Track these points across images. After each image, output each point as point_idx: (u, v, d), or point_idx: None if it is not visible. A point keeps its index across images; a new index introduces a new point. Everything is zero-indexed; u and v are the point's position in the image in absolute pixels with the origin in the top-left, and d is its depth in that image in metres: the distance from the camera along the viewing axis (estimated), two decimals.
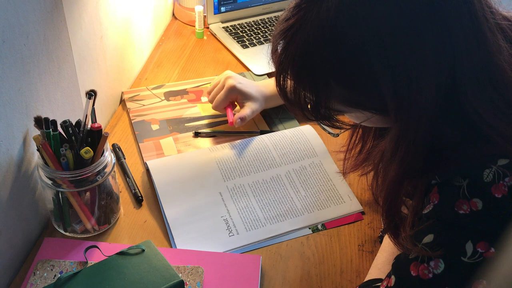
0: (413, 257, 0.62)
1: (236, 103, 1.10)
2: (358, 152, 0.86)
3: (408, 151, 0.62)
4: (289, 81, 0.66)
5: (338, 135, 0.79)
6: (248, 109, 1.05)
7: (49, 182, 0.79)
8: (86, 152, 0.77)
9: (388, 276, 0.66)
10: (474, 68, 0.59)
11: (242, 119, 1.04)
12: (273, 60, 0.67)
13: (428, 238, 0.61)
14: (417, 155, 0.62)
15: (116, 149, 1.01)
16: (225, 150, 1.01)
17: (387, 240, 0.81)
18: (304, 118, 0.69)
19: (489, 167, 0.58)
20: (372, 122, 0.69)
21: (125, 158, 1.00)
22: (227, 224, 0.89)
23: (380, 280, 0.74)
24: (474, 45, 0.58)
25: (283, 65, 0.65)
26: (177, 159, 0.99)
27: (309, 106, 0.67)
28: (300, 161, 1.01)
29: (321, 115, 0.67)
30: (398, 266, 0.65)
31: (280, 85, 0.67)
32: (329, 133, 0.77)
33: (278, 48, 0.65)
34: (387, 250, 0.80)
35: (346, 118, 0.74)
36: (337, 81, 0.62)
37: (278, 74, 0.66)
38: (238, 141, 1.03)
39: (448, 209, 0.59)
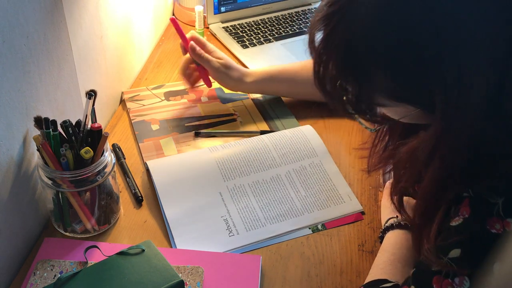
0: (437, 270, 0.59)
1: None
2: (382, 149, 0.81)
3: (449, 152, 0.58)
4: (329, 72, 0.62)
5: (375, 130, 0.74)
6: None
7: (49, 182, 0.79)
8: (86, 152, 0.77)
9: (407, 284, 0.63)
10: None
11: (196, 47, 1.07)
12: (310, 49, 0.63)
13: (455, 253, 0.58)
14: (457, 158, 0.58)
15: (116, 149, 1.01)
16: (225, 150, 1.01)
17: (388, 240, 0.81)
18: (342, 111, 0.65)
19: None
20: (411, 118, 0.65)
21: (125, 158, 1.00)
22: (227, 224, 0.89)
23: (385, 281, 0.73)
24: None
25: (324, 54, 0.60)
26: (177, 159, 0.99)
27: (349, 99, 0.63)
28: (300, 161, 1.01)
29: (361, 109, 0.63)
30: (419, 276, 0.62)
31: (318, 76, 0.63)
32: (365, 127, 0.72)
33: (316, 36, 0.61)
34: (389, 250, 0.79)
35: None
36: (385, 73, 0.58)
37: (318, 64, 0.62)
38: (238, 141, 1.03)
39: (479, 226, 0.56)
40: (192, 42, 1.09)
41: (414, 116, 0.63)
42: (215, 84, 1.22)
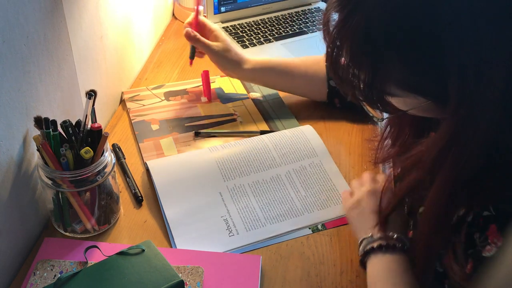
0: None
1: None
2: (391, 145, 0.78)
3: (462, 152, 0.55)
4: (342, 57, 0.60)
5: (383, 120, 0.71)
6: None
7: (49, 182, 0.79)
8: (86, 152, 0.77)
9: None
10: None
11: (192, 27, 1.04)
12: (324, 32, 0.61)
13: None
14: (471, 161, 0.55)
15: (116, 149, 1.01)
16: (225, 150, 1.01)
17: (376, 268, 0.74)
18: (352, 97, 0.63)
19: None
20: (421, 111, 0.62)
21: (125, 158, 1.00)
22: (227, 224, 0.89)
23: None
24: None
25: (339, 38, 0.58)
26: (177, 159, 0.99)
27: (360, 86, 0.61)
28: (300, 161, 1.01)
29: (371, 97, 0.61)
30: None
31: (331, 60, 0.61)
32: (372, 117, 0.69)
33: (332, 18, 0.59)
34: (387, 280, 0.72)
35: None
36: (401, 60, 0.56)
37: (331, 48, 0.60)
38: (238, 141, 1.03)
39: None
40: (187, 28, 1.06)
41: (424, 108, 0.61)
42: (215, 84, 1.22)
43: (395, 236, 0.76)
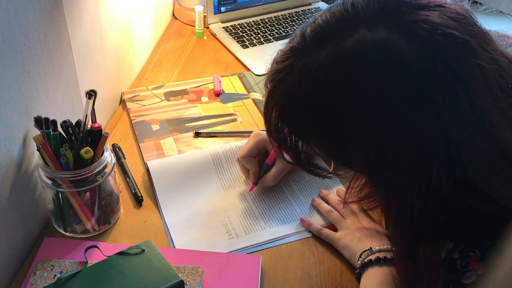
0: None
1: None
2: (359, 188, 0.79)
3: (397, 205, 0.58)
4: (272, 122, 0.65)
5: (324, 178, 0.74)
6: (274, 168, 0.95)
7: (49, 182, 0.79)
8: (86, 152, 0.77)
9: None
10: (480, 151, 0.53)
11: (265, 182, 0.95)
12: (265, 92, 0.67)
13: None
14: (407, 212, 0.57)
15: (116, 149, 1.01)
16: (225, 155, 1.00)
17: (371, 280, 0.75)
18: (284, 160, 0.68)
19: None
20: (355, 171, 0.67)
21: (125, 158, 1.00)
22: (227, 228, 0.89)
23: None
24: (478, 134, 0.53)
25: (268, 106, 0.64)
26: (177, 161, 0.99)
27: (289, 149, 0.66)
28: (298, 172, 1.00)
29: (301, 161, 0.67)
30: None
31: (266, 120, 0.65)
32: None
33: (268, 85, 0.64)
34: None
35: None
36: (314, 137, 0.63)
37: (265, 114, 0.65)
38: (238, 142, 1.03)
39: None
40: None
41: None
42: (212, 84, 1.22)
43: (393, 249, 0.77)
